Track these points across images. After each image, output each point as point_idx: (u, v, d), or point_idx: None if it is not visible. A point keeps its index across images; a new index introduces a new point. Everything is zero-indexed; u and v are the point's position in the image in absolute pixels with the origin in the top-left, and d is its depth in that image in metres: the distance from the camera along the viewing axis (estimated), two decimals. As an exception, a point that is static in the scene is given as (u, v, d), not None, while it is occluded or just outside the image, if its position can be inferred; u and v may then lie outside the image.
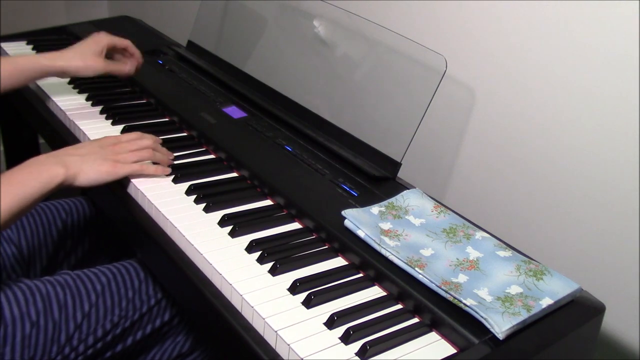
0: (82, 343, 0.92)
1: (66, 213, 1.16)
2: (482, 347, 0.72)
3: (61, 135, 1.18)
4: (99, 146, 0.98)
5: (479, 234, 0.89)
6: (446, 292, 0.77)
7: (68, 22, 1.67)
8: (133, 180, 1.00)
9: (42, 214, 1.13)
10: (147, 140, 1.02)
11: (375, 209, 0.93)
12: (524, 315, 0.74)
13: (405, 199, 0.96)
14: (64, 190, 0.94)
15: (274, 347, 0.74)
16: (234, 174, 1.06)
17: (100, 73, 1.18)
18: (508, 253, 0.86)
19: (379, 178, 1.03)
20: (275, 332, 0.73)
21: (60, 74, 1.17)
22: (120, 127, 1.17)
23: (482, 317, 0.74)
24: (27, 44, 1.53)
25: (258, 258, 0.85)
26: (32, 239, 1.10)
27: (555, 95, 1.07)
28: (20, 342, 0.87)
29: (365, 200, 0.96)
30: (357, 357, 0.71)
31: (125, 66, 1.23)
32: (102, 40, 1.19)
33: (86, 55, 1.16)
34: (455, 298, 0.77)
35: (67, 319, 0.91)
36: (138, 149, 1.00)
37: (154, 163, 1.02)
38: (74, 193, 1.12)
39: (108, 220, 1.21)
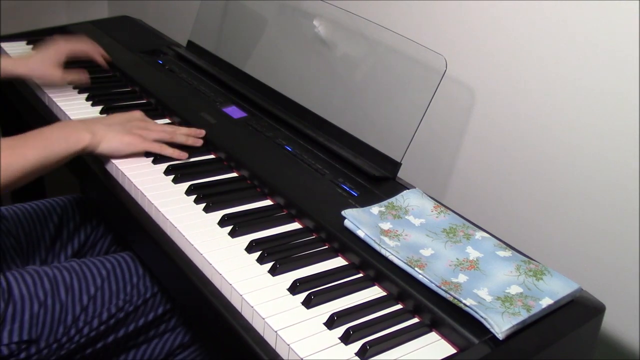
0: (87, 325, 0.94)
1: (62, 209, 1.17)
2: (482, 347, 0.72)
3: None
4: (126, 119, 1.06)
5: (479, 234, 0.89)
6: (446, 292, 0.77)
7: (68, 22, 1.67)
8: (133, 180, 1.00)
9: (38, 211, 1.15)
10: (170, 127, 1.10)
11: (375, 209, 0.93)
12: (523, 315, 0.74)
13: (405, 199, 0.96)
14: (66, 186, 0.95)
15: (273, 347, 0.74)
16: (234, 174, 1.06)
17: (59, 85, 1.23)
18: (508, 253, 0.86)
19: (379, 178, 1.03)
20: (275, 332, 0.73)
21: (20, 79, 1.23)
22: (120, 127, 1.17)
23: (482, 317, 0.74)
24: (27, 44, 1.53)
25: (258, 258, 0.85)
26: (30, 233, 1.12)
27: (555, 95, 1.07)
28: (29, 321, 0.90)
29: (365, 200, 0.96)
30: (357, 357, 0.71)
31: (83, 76, 1.25)
32: (61, 49, 1.23)
33: (46, 65, 1.21)
34: (455, 298, 0.77)
35: (73, 300, 0.94)
36: (162, 130, 1.07)
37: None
38: (71, 189, 1.12)
39: (104, 217, 1.21)
